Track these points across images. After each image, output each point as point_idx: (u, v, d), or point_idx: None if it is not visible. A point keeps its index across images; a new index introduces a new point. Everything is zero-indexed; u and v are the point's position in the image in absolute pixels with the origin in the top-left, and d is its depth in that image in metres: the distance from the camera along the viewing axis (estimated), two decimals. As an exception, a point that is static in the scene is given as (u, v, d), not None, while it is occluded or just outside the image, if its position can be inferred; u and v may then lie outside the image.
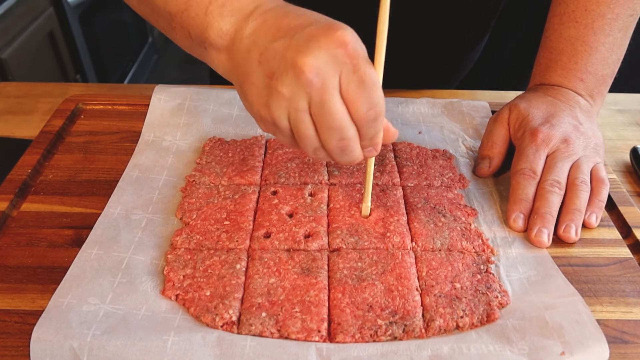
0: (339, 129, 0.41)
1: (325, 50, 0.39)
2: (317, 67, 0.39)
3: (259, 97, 0.42)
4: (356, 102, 0.40)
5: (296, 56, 0.39)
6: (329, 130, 0.41)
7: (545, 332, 0.40)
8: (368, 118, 0.41)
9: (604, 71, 0.60)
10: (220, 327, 0.41)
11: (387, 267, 0.46)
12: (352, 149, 0.43)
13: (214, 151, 0.60)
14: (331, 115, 0.40)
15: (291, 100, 0.40)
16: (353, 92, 0.40)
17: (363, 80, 0.39)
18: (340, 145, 0.42)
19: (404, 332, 0.41)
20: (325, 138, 0.42)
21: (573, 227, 0.50)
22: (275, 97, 0.41)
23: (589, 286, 0.46)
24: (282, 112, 0.41)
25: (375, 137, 0.43)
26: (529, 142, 0.55)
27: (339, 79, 0.40)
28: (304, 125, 0.41)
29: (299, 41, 0.39)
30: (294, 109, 0.41)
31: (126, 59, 2.22)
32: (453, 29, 0.75)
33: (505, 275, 0.47)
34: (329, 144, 0.42)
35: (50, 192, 0.55)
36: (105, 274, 0.45)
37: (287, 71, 0.39)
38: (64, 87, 0.78)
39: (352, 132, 0.41)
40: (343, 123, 0.41)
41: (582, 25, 0.59)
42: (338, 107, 0.40)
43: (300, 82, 0.39)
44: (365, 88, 0.40)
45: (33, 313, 0.42)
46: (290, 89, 0.40)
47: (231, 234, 0.49)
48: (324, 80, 0.39)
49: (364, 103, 0.40)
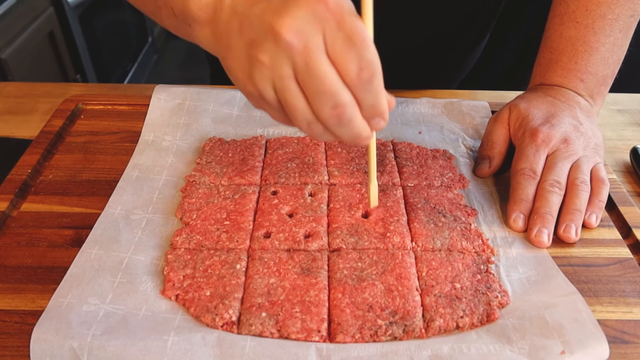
0: (330, 93, 0.37)
1: (305, 7, 0.35)
2: (296, 28, 0.35)
3: (242, 70, 0.39)
4: (345, 61, 0.36)
5: (273, 19, 0.36)
6: (319, 96, 0.37)
7: (545, 332, 0.41)
8: (362, 79, 0.37)
9: (605, 71, 0.60)
10: (220, 327, 0.41)
11: (387, 267, 0.46)
12: (350, 118, 0.38)
13: (214, 151, 0.60)
14: (319, 79, 0.36)
15: (273, 68, 0.37)
16: (340, 51, 0.36)
17: (350, 37, 0.36)
18: (335, 114, 0.38)
19: (404, 332, 0.41)
20: (317, 106, 0.38)
21: (573, 227, 0.50)
22: (257, 67, 0.38)
23: (589, 286, 0.46)
24: (267, 83, 0.38)
25: (377, 103, 0.39)
26: (529, 142, 0.55)
27: (323, 38, 0.36)
28: (291, 95, 0.38)
29: (276, 2, 0.37)
30: (277, 77, 0.37)
31: (126, 59, 2.22)
32: (453, 28, 0.75)
33: (505, 275, 0.47)
34: (323, 112, 0.38)
35: (50, 192, 0.55)
36: (105, 274, 0.45)
37: (265, 36, 0.36)
38: (64, 87, 0.78)
39: (346, 96, 0.37)
40: (334, 86, 0.37)
41: (583, 26, 0.59)
42: (326, 69, 0.36)
43: (280, 46, 0.36)
44: (353, 45, 0.36)
45: (33, 313, 0.42)
46: (271, 56, 0.37)
47: (231, 234, 0.49)
48: (306, 41, 0.36)
49: (354, 62, 0.36)
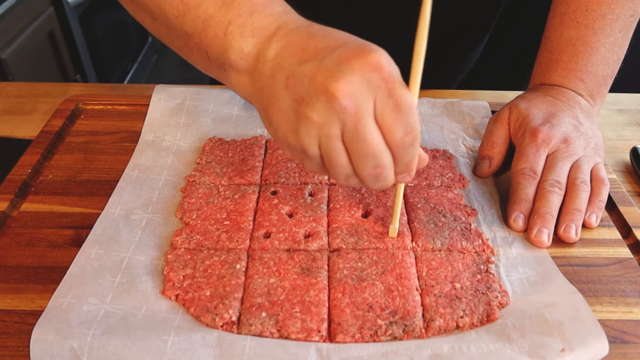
0: (374, 156, 0.39)
1: (359, 74, 0.37)
2: (350, 92, 0.37)
3: (287, 123, 0.40)
4: (392, 127, 0.38)
5: (327, 81, 0.37)
6: (363, 157, 0.39)
7: (545, 330, 0.41)
8: (405, 143, 0.39)
9: (605, 71, 0.60)
10: (220, 327, 0.41)
11: (387, 267, 0.46)
12: (386, 176, 0.41)
13: (214, 151, 0.60)
14: (366, 143, 0.38)
15: (323, 127, 0.38)
16: (389, 118, 0.38)
17: (399, 105, 0.38)
18: (374, 173, 0.40)
19: (404, 332, 0.41)
20: (360, 166, 0.40)
21: (573, 227, 0.50)
22: (304, 124, 0.39)
23: (589, 286, 0.46)
24: (312, 139, 0.39)
25: (411, 162, 0.41)
26: (529, 142, 0.55)
27: (373, 104, 0.38)
28: (336, 153, 0.40)
29: (329, 65, 0.37)
30: (325, 135, 0.39)
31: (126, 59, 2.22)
32: (453, 28, 0.75)
33: (505, 275, 0.47)
34: (363, 171, 0.40)
35: (50, 192, 0.55)
36: (105, 273, 0.45)
37: (317, 96, 0.37)
38: (64, 87, 0.78)
39: (387, 158, 0.40)
40: (378, 150, 0.39)
41: (583, 26, 0.59)
42: (373, 134, 0.38)
43: (332, 108, 0.37)
44: (401, 112, 0.38)
45: (33, 313, 0.42)
46: (322, 115, 0.38)
47: (231, 234, 0.49)
48: (358, 106, 0.37)
49: (400, 128, 0.38)
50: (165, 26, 0.47)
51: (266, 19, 0.42)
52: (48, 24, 1.59)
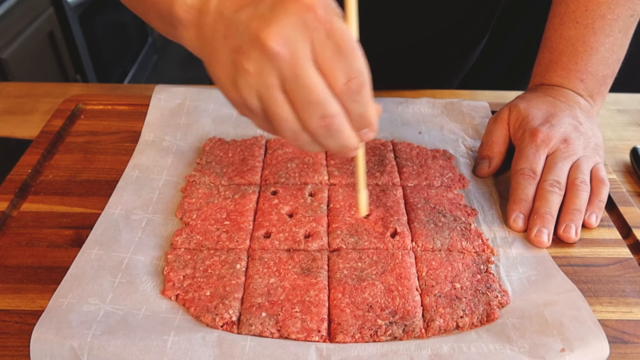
0: (318, 103, 0.36)
1: (293, 15, 0.35)
2: (283, 37, 0.34)
3: (227, 76, 0.38)
4: (334, 71, 0.36)
5: (260, 26, 0.35)
6: (307, 106, 0.36)
7: (545, 330, 0.41)
8: (350, 90, 0.36)
9: (604, 71, 0.60)
10: (220, 327, 0.41)
11: (387, 267, 0.46)
12: (339, 128, 0.38)
13: (214, 151, 0.60)
14: (307, 89, 0.36)
15: (259, 77, 0.36)
16: (329, 60, 0.35)
17: (339, 46, 0.35)
18: (324, 124, 0.37)
19: (404, 332, 0.41)
20: (305, 117, 0.37)
21: (573, 227, 0.50)
22: (242, 75, 0.37)
23: (589, 286, 0.46)
24: (251, 91, 0.37)
25: (365, 113, 0.38)
26: (529, 142, 0.55)
27: (311, 47, 0.35)
28: (276, 104, 0.37)
29: (263, 9, 0.35)
30: (263, 86, 0.36)
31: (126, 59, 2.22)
32: (452, 28, 0.75)
33: (505, 275, 0.47)
34: (311, 123, 0.37)
35: (50, 192, 0.55)
36: (105, 274, 0.45)
37: (252, 44, 0.35)
38: (64, 87, 0.78)
39: (335, 106, 0.37)
40: (322, 96, 0.36)
41: (583, 26, 0.59)
42: (314, 79, 0.35)
43: (266, 55, 0.35)
44: (342, 54, 0.35)
45: (33, 313, 0.42)
46: (257, 64, 0.36)
47: (231, 234, 0.49)
48: (294, 50, 0.35)
49: (343, 71, 0.36)
50: None
51: None
52: (48, 24, 1.59)
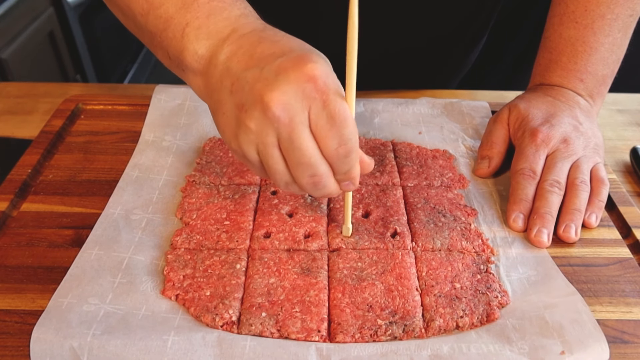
0: (309, 165, 0.40)
1: (294, 84, 0.38)
2: (284, 103, 0.38)
3: (229, 128, 0.41)
4: (326, 138, 0.39)
5: (264, 90, 0.38)
6: (299, 166, 0.40)
7: (545, 332, 0.41)
8: (339, 155, 0.40)
9: (604, 71, 0.60)
10: (220, 327, 0.41)
11: (387, 267, 0.46)
12: (324, 185, 0.42)
13: (214, 151, 0.60)
14: (300, 152, 0.39)
15: (259, 135, 0.39)
16: (322, 128, 0.39)
17: (333, 116, 0.38)
18: (312, 182, 0.41)
19: (404, 332, 0.41)
20: (297, 174, 0.41)
21: (573, 227, 0.50)
22: (243, 130, 0.40)
23: (589, 286, 0.46)
24: (251, 146, 0.41)
25: (350, 171, 0.42)
26: (529, 142, 0.55)
27: (308, 115, 0.39)
28: (272, 160, 0.41)
29: (268, 74, 0.38)
30: (261, 143, 0.40)
31: (126, 59, 2.22)
32: (451, 29, 0.75)
33: (505, 275, 0.47)
34: (301, 179, 0.41)
35: (50, 192, 0.55)
36: (105, 274, 0.45)
37: (255, 105, 0.38)
38: (64, 87, 0.78)
39: (323, 168, 0.41)
40: (313, 159, 0.40)
41: (582, 26, 0.59)
42: (307, 144, 0.39)
43: (267, 117, 0.38)
44: (335, 124, 0.39)
45: (33, 313, 0.42)
46: (258, 124, 0.39)
47: (231, 234, 0.49)
48: (292, 115, 0.38)
49: (334, 139, 0.39)
50: (133, 23, 0.48)
51: (222, 22, 0.43)
52: (48, 24, 1.59)
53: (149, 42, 0.48)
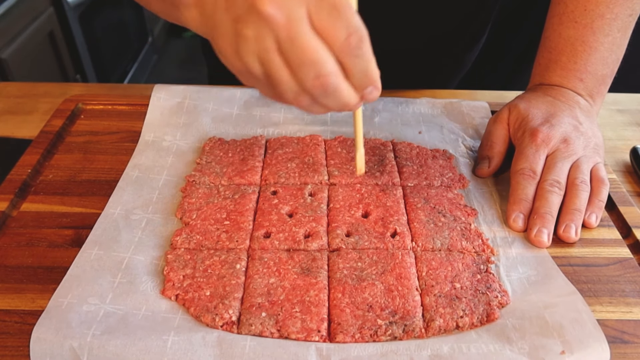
0: (313, 62, 0.37)
1: None
2: (278, 1, 0.36)
3: (230, 46, 0.40)
4: (331, 29, 0.37)
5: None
6: (302, 66, 0.38)
7: (545, 331, 0.40)
8: (350, 46, 0.37)
9: (604, 71, 0.60)
10: (220, 327, 0.41)
11: (387, 267, 0.46)
12: (335, 87, 0.39)
13: (214, 151, 0.60)
14: (301, 49, 0.37)
15: (257, 42, 0.38)
16: (326, 20, 0.37)
17: (334, 5, 0.36)
18: (319, 83, 0.38)
19: (404, 332, 0.41)
20: (301, 77, 0.39)
21: (573, 227, 0.50)
22: (242, 42, 0.38)
23: (589, 286, 0.46)
24: (252, 57, 0.39)
25: (368, 69, 0.39)
26: (529, 142, 0.55)
27: (307, 10, 0.37)
28: (274, 67, 0.39)
29: None
30: (262, 49, 0.38)
31: (126, 59, 2.22)
32: (450, 29, 0.75)
33: (505, 275, 0.47)
34: (306, 83, 0.39)
35: (50, 192, 0.55)
36: (105, 274, 0.45)
37: (249, 11, 0.37)
38: (64, 87, 0.78)
39: (330, 65, 0.38)
40: (316, 55, 0.37)
41: (582, 25, 0.59)
42: (308, 39, 0.37)
43: (262, 20, 0.37)
44: (339, 13, 0.37)
45: (33, 313, 0.42)
46: (254, 29, 0.37)
47: (231, 234, 0.49)
48: (287, 12, 0.36)
49: (342, 29, 0.37)
50: None
51: None
52: (48, 24, 1.59)
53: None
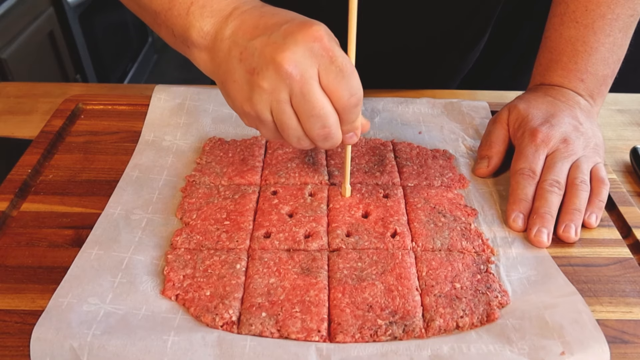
0: (320, 116, 0.43)
1: (302, 44, 0.41)
2: (295, 60, 0.41)
3: (242, 93, 0.44)
4: (337, 90, 0.42)
5: (275, 52, 0.41)
6: (310, 118, 0.43)
7: (545, 332, 0.41)
8: (350, 104, 0.43)
9: (605, 71, 0.60)
10: (220, 327, 0.41)
11: (387, 267, 0.46)
12: (333, 135, 0.45)
13: (214, 151, 0.60)
14: (311, 104, 0.42)
15: (272, 93, 0.42)
16: (333, 82, 0.42)
17: (341, 70, 0.42)
18: (323, 133, 0.44)
19: (404, 332, 0.41)
20: (308, 127, 0.44)
21: (573, 227, 0.50)
22: (257, 92, 0.43)
23: (589, 286, 0.46)
24: (265, 105, 0.43)
25: (356, 122, 0.46)
26: (529, 142, 0.55)
27: (317, 71, 0.42)
28: (285, 116, 0.44)
29: (276, 38, 0.42)
30: (275, 100, 0.43)
31: (126, 59, 2.22)
32: (451, 28, 0.75)
33: (505, 275, 0.47)
34: (312, 132, 0.44)
35: (50, 192, 0.55)
36: (105, 274, 0.45)
37: (267, 66, 0.42)
38: (64, 87, 0.78)
39: (333, 119, 0.44)
40: (324, 111, 0.43)
41: (583, 26, 0.59)
42: (318, 97, 0.42)
43: (280, 75, 0.41)
44: (344, 77, 0.42)
45: (33, 313, 0.42)
46: (271, 83, 0.42)
47: (231, 234, 0.49)
48: (303, 71, 0.41)
49: (345, 90, 0.42)
50: (137, 3, 0.51)
51: (224, 0, 0.46)
52: (48, 24, 1.59)
53: (151, 21, 0.51)
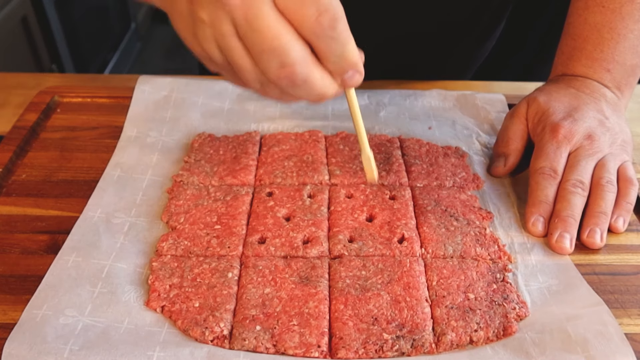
0: (274, 50, 0.36)
1: None
2: None
3: (187, 28, 0.40)
4: (298, 9, 0.35)
5: None
6: (262, 54, 0.37)
7: (568, 346, 0.41)
8: (322, 26, 0.36)
9: (633, 61, 0.60)
10: (210, 341, 0.41)
11: (394, 276, 0.46)
12: (305, 77, 0.37)
13: (203, 148, 0.60)
14: (261, 34, 0.36)
15: (213, 26, 0.37)
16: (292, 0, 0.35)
17: None
18: (284, 74, 0.37)
19: (412, 347, 0.41)
20: (263, 66, 0.37)
21: (598, 231, 0.50)
22: (199, 25, 0.38)
23: (616, 297, 0.47)
24: (211, 42, 0.38)
25: (345, 52, 0.37)
26: (550, 139, 0.55)
27: None
28: (234, 54, 0.38)
29: None
30: (219, 35, 0.37)
31: (107, 47, 2.22)
32: (465, 15, 0.75)
33: (524, 285, 0.47)
34: (270, 73, 0.37)
35: (23, 193, 0.55)
36: (83, 283, 0.45)
37: None
38: (38, 78, 0.78)
39: (295, 52, 0.36)
40: (279, 42, 0.36)
41: (609, 10, 0.59)
42: (269, 23, 0.35)
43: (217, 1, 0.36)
44: None
45: (4, 326, 0.42)
46: (210, 12, 0.37)
47: (222, 240, 0.49)
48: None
49: (310, 8, 0.35)
50: None
51: None
52: (21, 9, 1.59)
53: None
